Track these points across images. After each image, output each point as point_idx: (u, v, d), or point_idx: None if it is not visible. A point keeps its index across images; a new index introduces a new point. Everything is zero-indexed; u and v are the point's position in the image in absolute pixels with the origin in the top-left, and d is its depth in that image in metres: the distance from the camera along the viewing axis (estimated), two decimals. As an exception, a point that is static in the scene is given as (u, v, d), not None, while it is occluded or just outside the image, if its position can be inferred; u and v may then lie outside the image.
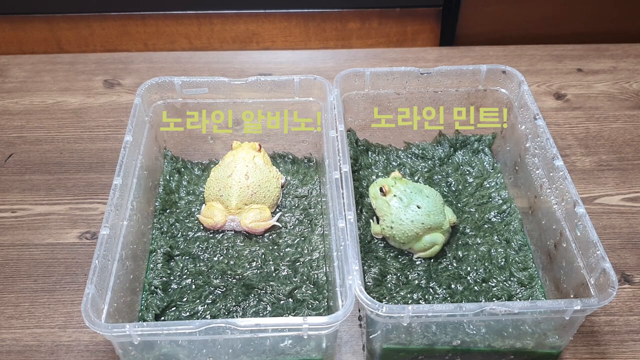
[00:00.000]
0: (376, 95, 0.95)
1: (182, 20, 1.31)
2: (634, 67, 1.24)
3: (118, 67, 1.25)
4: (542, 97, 1.18)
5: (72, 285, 0.87)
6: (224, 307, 0.80)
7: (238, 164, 0.90)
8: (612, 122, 1.12)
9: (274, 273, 0.85)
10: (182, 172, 0.98)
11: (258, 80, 0.92)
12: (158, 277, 0.83)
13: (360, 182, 0.95)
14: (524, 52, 1.28)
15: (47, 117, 1.14)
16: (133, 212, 0.81)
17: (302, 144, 1.00)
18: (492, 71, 0.93)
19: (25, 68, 1.25)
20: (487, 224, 0.90)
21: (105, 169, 1.03)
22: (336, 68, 1.20)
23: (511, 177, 0.95)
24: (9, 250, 0.91)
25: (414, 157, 1.00)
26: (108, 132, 1.11)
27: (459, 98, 0.96)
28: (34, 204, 0.98)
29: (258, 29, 1.33)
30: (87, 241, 0.92)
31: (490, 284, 0.83)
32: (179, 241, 0.89)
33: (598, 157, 1.05)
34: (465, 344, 0.73)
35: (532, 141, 0.87)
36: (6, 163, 1.05)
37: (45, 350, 0.80)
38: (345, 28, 1.33)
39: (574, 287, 0.74)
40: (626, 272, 0.88)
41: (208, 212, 0.89)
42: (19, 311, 0.84)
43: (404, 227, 0.83)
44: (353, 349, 0.80)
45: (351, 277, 0.68)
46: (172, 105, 0.94)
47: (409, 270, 0.84)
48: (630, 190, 1.00)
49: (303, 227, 0.90)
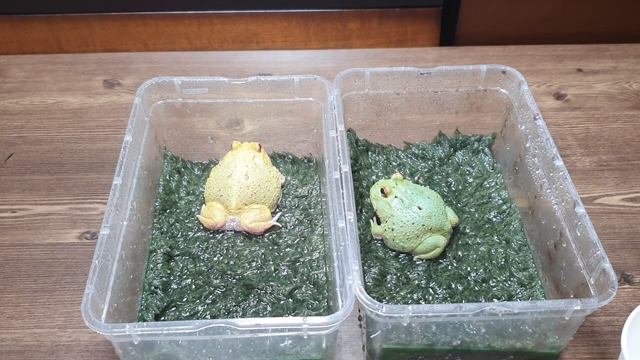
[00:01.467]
0: (376, 96, 0.95)
1: (182, 20, 1.31)
2: (634, 67, 1.24)
3: (118, 67, 1.25)
4: (542, 97, 1.18)
5: (72, 285, 0.87)
6: (224, 307, 0.80)
7: (238, 164, 0.90)
8: (612, 122, 1.12)
9: (274, 273, 0.85)
10: (182, 172, 0.98)
11: (258, 80, 0.92)
12: (158, 277, 0.83)
13: (360, 182, 0.95)
14: (524, 52, 1.28)
15: (47, 117, 1.14)
16: (133, 212, 0.81)
17: (302, 144, 1.00)
18: (492, 71, 0.93)
19: (25, 68, 1.25)
20: (487, 224, 0.90)
21: (105, 169, 1.03)
22: (336, 68, 1.20)
23: (511, 177, 0.95)
24: (9, 250, 0.91)
25: (414, 157, 1.00)
26: (108, 132, 1.11)
27: (459, 98, 0.96)
28: (34, 204, 0.98)
29: (258, 29, 1.33)
30: (87, 241, 0.92)
31: (490, 284, 0.83)
32: (179, 241, 0.89)
33: (598, 157, 1.05)
34: (465, 344, 0.73)
35: (532, 141, 0.87)
36: (6, 163, 1.05)
37: (45, 350, 0.80)
38: (345, 28, 1.33)
39: (574, 287, 0.74)
40: (626, 272, 0.88)
41: (208, 212, 0.89)
42: (19, 311, 0.84)
43: (405, 228, 0.83)
44: (353, 349, 0.80)
45: (351, 277, 0.68)
46: (172, 105, 0.94)
47: (409, 270, 0.84)
48: (630, 190, 1.00)
49: (303, 227, 0.90)
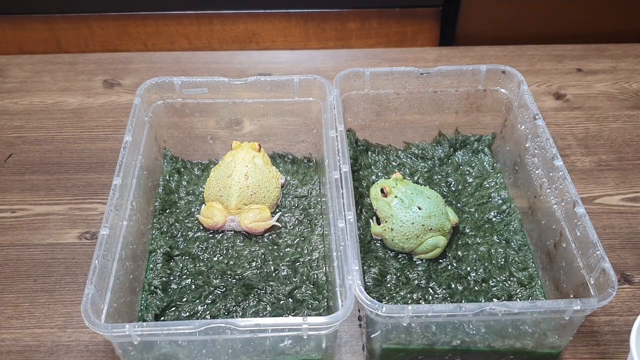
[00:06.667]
0: (376, 95, 0.95)
1: (181, 20, 1.31)
2: (633, 67, 1.24)
3: (118, 67, 1.25)
4: (542, 97, 1.18)
5: (72, 285, 0.87)
6: (224, 307, 0.80)
7: (238, 164, 0.90)
8: (612, 122, 1.12)
9: (274, 273, 0.85)
10: (182, 172, 0.98)
11: (258, 80, 0.92)
12: (158, 277, 0.83)
13: (360, 182, 0.95)
14: (523, 52, 1.28)
15: (47, 117, 1.14)
16: (133, 212, 0.81)
17: (302, 144, 1.00)
18: (492, 71, 0.93)
19: (25, 68, 1.25)
20: (487, 224, 0.90)
21: (105, 169, 1.03)
22: (336, 68, 1.20)
23: (511, 177, 0.95)
24: (9, 250, 0.91)
25: (413, 157, 1.00)
26: (108, 132, 1.11)
27: (458, 98, 0.96)
28: (33, 204, 0.98)
29: (258, 29, 1.33)
30: (87, 241, 0.92)
31: (490, 284, 0.83)
32: (178, 241, 0.89)
33: (598, 157, 1.05)
34: (465, 344, 0.73)
35: (532, 141, 0.87)
36: (6, 163, 1.05)
37: (45, 350, 0.80)
38: (345, 28, 1.33)
39: (574, 287, 0.74)
40: (626, 272, 0.88)
41: (208, 212, 0.89)
42: (18, 311, 0.84)
43: (405, 228, 0.83)
44: (353, 349, 0.80)
45: (351, 277, 0.68)
46: (171, 105, 0.94)
47: (409, 270, 0.84)
48: (630, 190, 1.00)
49: (303, 227, 0.90)
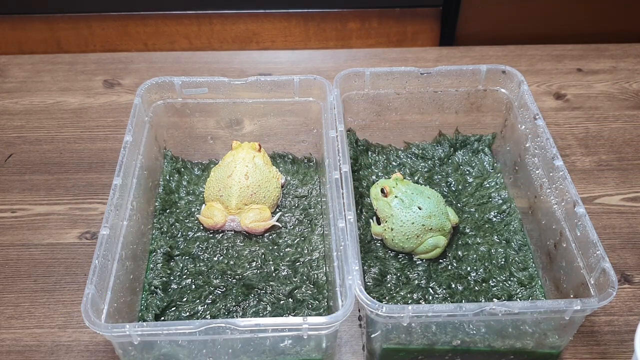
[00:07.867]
0: (376, 95, 0.95)
1: (182, 20, 1.31)
2: (633, 67, 1.24)
3: (118, 67, 1.25)
4: (542, 97, 1.18)
5: (72, 285, 0.87)
6: (224, 307, 0.80)
7: (238, 164, 0.90)
8: (612, 122, 1.12)
9: (274, 273, 0.85)
10: (182, 172, 0.98)
11: (258, 80, 0.92)
12: (158, 277, 0.83)
13: (360, 182, 0.95)
14: (524, 52, 1.28)
15: (47, 117, 1.14)
16: (133, 212, 0.81)
17: (302, 144, 1.00)
18: (492, 71, 0.93)
19: (25, 68, 1.25)
20: (487, 224, 0.90)
21: (105, 169, 1.03)
22: (336, 68, 1.20)
23: (511, 177, 0.95)
24: (9, 250, 0.91)
25: (413, 157, 1.00)
26: (108, 132, 1.11)
27: (458, 98, 0.96)
28: (33, 204, 0.98)
29: (258, 29, 1.33)
30: (87, 241, 0.92)
31: (490, 284, 0.83)
32: (179, 241, 0.89)
33: (598, 157, 1.05)
34: (465, 344, 0.73)
35: (532, 141, 0.87)
36: (6, 163, 1.05)
37: (45, 350, 0.80)
38: (345, 28, 1.33)
39: (574, 287, 0.74)
40: (626, 272, 0.88)
41: (208, 212, 0.89)
42: (19, 311, 0.84)
43: (405, 228, 0.83)
44: (353, 349, 0.80)
45: (351, 277, 0.68)
46: (172, 105, 0.94)
47: (409, 270, 0.84)
48: (630, 190, 1.00)
49: (303, 227, 0.90)
